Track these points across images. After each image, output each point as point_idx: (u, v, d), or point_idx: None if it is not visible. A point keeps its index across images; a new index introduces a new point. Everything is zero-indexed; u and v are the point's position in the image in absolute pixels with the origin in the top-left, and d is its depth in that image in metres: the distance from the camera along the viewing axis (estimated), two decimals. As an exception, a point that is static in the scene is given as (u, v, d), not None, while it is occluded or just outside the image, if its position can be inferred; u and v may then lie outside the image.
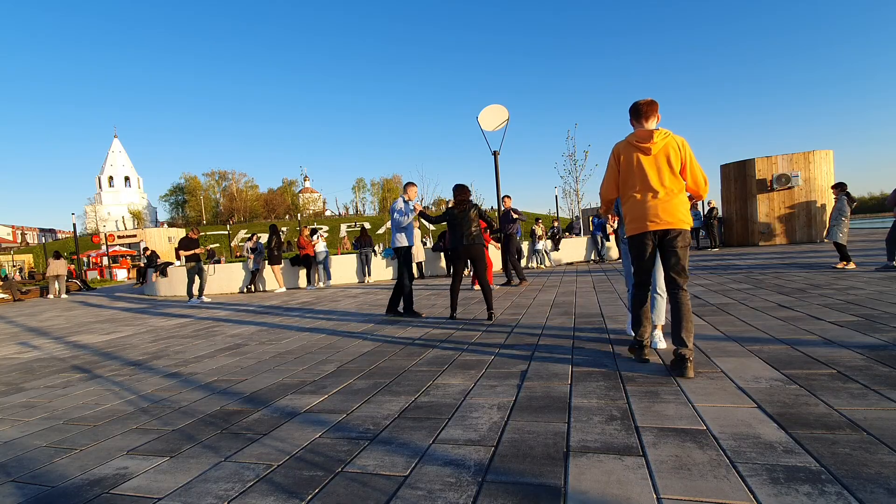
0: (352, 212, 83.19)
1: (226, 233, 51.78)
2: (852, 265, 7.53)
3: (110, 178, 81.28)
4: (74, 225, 26.86)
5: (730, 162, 16.47)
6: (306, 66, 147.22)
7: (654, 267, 3.18)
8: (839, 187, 8.15)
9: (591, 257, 14.74)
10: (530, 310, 5.87)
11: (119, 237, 41.27)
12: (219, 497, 1.85)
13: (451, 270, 5.67)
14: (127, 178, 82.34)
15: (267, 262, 12.26)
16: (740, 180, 16.00)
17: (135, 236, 42.57)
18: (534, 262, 13.71)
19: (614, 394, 2.63)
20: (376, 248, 13.96)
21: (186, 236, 10.59)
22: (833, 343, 3.33)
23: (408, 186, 6.27)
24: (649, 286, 3.21)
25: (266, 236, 12.26)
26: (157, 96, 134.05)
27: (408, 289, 6.12)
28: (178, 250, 11.02)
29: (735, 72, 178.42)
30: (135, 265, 30.15)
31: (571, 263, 14.22)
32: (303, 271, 12.73)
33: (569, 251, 14.75)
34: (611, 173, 3.24)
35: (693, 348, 2.93)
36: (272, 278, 12.56)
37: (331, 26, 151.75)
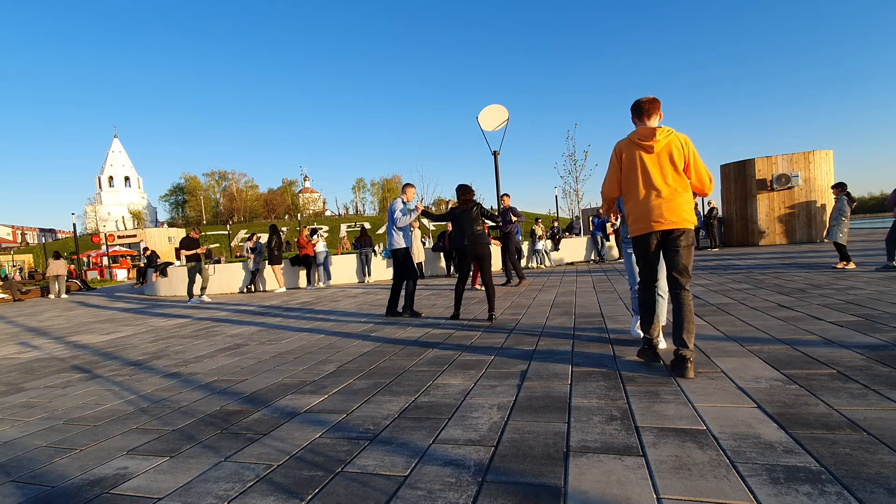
0: (352, 212, 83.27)
1: (226, 233, 51.83)
2: (852, 265, 7.53)
3: (110, 178, 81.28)
4: (74, 225, 26.88)
5: (730, 162, 16.49)
6: (306, 66, 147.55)
7: (657, 265, 3.17)
8: (839, 187, 8.15)
9: (592, 257, 14.74)
10: (530, 310, 5.87)
11: (119, 237, 41.34)
12: (219, 497, 1.85)
13: (458, 271, 5.66)
14: (127, 178, 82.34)
15: (267, 262, 12.27)
16: (740, 180, 16.01)
17: (135, 236, 42.64)
18: (534, 262, 13.71)
19: (614, 394, 2.63)
20: (376, 248, 13.95)
21: (188, 236, 10.60)
22: (833, 343, 3.33)
23: (406, 188, 6.26)
24: (655, 282, 3.18)
25: (266, 236, 12.27)
26: (156, 96, 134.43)
27: (411, 288, 6.12)
28: (178, 250, 11.02)
29: (735, 72, 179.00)
30: (135, 265, 30.17)
31: (571, 263, 14.22)
32: (303, 271, 12.73)
33: (569, 251, 14.75)
34: (613, 172, 3.21)
35: (693, 349, 2.93)
36: (272, 278, 12.57)
37: (331, 26, 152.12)
